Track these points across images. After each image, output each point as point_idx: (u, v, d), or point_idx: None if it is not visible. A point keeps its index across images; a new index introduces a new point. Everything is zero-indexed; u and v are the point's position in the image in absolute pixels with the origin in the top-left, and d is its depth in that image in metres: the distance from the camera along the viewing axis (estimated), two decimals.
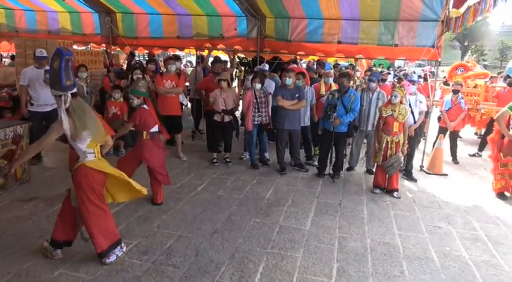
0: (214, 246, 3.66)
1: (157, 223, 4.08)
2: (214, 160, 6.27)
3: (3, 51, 11.37)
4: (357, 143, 6.29)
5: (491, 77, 10.02)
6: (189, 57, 19.76)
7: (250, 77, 6.26)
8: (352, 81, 7.10)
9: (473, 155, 7.77)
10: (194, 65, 9.55)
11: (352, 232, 4.13)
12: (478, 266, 3.58)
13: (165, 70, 6.46)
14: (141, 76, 6.32)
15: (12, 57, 9.40)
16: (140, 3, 7.39)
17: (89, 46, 8.98)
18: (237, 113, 6.57)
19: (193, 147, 7.17)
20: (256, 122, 5.99)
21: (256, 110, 5.95)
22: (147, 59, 9.31)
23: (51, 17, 8.69)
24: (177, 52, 9.08)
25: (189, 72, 9.20)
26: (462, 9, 5.36)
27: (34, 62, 5.72)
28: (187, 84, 7.88)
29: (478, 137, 9.14)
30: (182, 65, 13.28)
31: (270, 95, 6.09)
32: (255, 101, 5.92)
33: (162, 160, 4.54)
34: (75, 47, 8.34)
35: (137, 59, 9.66)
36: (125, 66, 9.14)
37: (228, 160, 6.31)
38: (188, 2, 6.98)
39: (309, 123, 6.47)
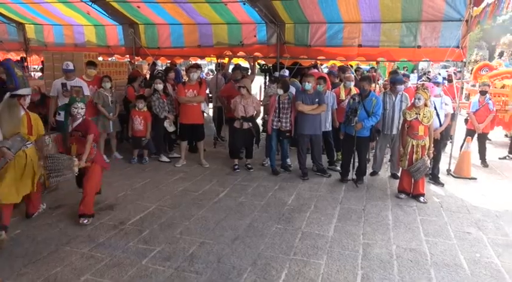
0: (236, 253, 3.65)
1: (180, 229, 4.11)
2: (236, 166, 6.29)
3: (34, 64, 11.88)
4: (380, 148, 6.17)
5: None
6: (210, 65, 20.02)
7: (273, 84, 6.28)
8: (374, 84, 6.99)
9: (504, 158, 7.47)
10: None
11: (377, 238, 4.03)
12: (510, 273, 3.42)
13: (187, 79, 6.56)
14: (162, 85, 6.47)
15: (42, 70, 9.79)
16: (162, 14, 7.57)
17: (114, 57, 9.25)
18: (259, 120, 6.58)
19: (215, 154, 7.22)
20: (274, 127, 5.98)
21: (276, 115, 5.94)
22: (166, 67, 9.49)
23: (77, 31, 9.02)
24: (198, 61, 9.22)
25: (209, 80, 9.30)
26: (481, 7, 5.22)
27: (62, 75, 5.96)
28: (208, 92, 7.98)
29: (509, 139, 8.80)
30: (204, 74, 13.51)
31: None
32: (277, 106, 5.92)
33: None
34: (100, 58, 8.62)
35: (159, 68, 9.85)
36: (148, 76, 9.35)
37: (249, 166, 6.32)
38: (208, 11, 7.09)
39: (330, 128, 6.41)
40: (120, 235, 3.94)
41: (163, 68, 9.22)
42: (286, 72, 7.25)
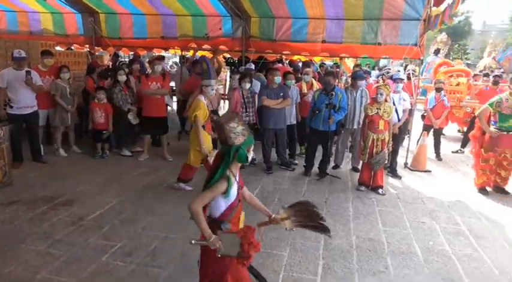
0: (200, 247, 3.63)
1: (143, 224, 4.04)
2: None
3: None
4: (342, 142, 6.34)
5: (475, 75, 10.22)
6: (174, 58, 19.64)
7: (237, 77, 6.26)
8: (337, 80, 7.16)
9: (456, 152, 7.91)
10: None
11: (338, 229, 4.15)
12: (460, 260, 3.64)
13: (150, 71, 6.41)
14: (125, 77, 6.28)
15: None
16: (123, 3, 7.33)
17: (72, 47, 8.86)
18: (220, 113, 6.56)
19: (180, 148, 7.08)
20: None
21: (244, 110, 5.94)
22: (130, 59, 9.21)
23: (32, 18, 8.54)
24: (162, 53, 9.02)
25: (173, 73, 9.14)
26: (442, 7, 5.46)
27: (12, 64, 5.58)
28: (172, 84, 7.84)
29: (461, 134, 9.30)
30: (168, 67, 13.24)
31: (256, 95, 6.09)
32: (242, 101, 5.91)
33: None
34: (58, 48, 8.22)
35: (122, 59, 9.57)
36: (109, 67, 9.05)
37: None
38: (172, 2, 6.95)
39: (295, 122, 6.50)
40: (79, 231, 3.82)
41: (127, 59, 8.97)
42: (252, 66, 7.26)
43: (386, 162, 5.49)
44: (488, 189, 5.56)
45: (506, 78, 9.90)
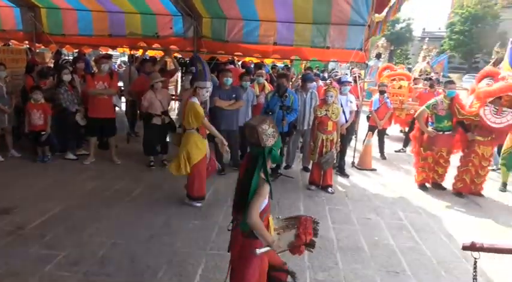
0: (151, 252, 3.55)
1: (89, 231, 3.86)
2: (151, 163, 6.08)
3: None
4: (294, 142, 6.48)
5: (415, 79, 10.89)
6: (123, 57, 18.95)
7: (189, 77, 6.17)
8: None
9: (399, 151, 8.39)
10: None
11: None
12: (403, 252, 3.88)
13: (96, 70, 6.14)
14: (70, 76, 5.96)
15: None
16: None
17: (10, 43, 8.24)
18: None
19: (129, 151, 6.88)
20: None
21: None
22: (74, 57, 8.75)
23: None
24: (110, 51, 8.67)
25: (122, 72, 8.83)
26: (383, 14, 5.77)
27: None
28: (120, 84, 7.56)
29: (403, 135, 9.87)
30: (116, 66, 12.77)
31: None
32: None
33: None
34: None
35: (65, 57, 9.05)
36: (52, 66, 8.53)
37: (166, 163, 6.16)
38: None
39: None
40: (19, 241, 3.57)
41: (71, 57, 8.51)
42: None
43: (335, 161, 5.70)
44: (428, 185, 5.97)
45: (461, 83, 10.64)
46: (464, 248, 1.41)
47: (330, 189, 5.47)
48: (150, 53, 8.57)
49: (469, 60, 30.09)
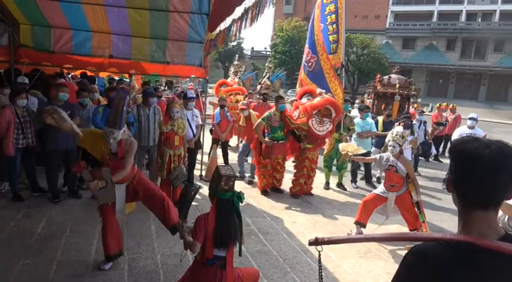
0: None
1: None
2: None
3: None
4: (139, 159, 6.19)
5: (249, 93, 11.87)
6: None
7: (8, 92, 5.23)
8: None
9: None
10: None
11: (142, 251, 4.04)
12: (254, 256, 4.15)
13: None
14: None
15: None
16: None
17: None
18: None
19: None
20: (20, 146, 5.05)
21: (20, 132, 5.02)
22: None
23: None
24: None
25: None
26: (215, 33, 6.15)
27: None
28: None
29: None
30: None
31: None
32: (17, 120, 4.98)
33: None
34: None
35: None
36: None
37: None
38: None
39: None
40: None
41: None
42: (26, 80, 6.22)
43: (185, 176, 5.70)
44: (268, 190, 6.55)
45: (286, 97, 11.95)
46: (310, 243, 1.62)
47: None
48: None
49: (291, 77, 34.63)
